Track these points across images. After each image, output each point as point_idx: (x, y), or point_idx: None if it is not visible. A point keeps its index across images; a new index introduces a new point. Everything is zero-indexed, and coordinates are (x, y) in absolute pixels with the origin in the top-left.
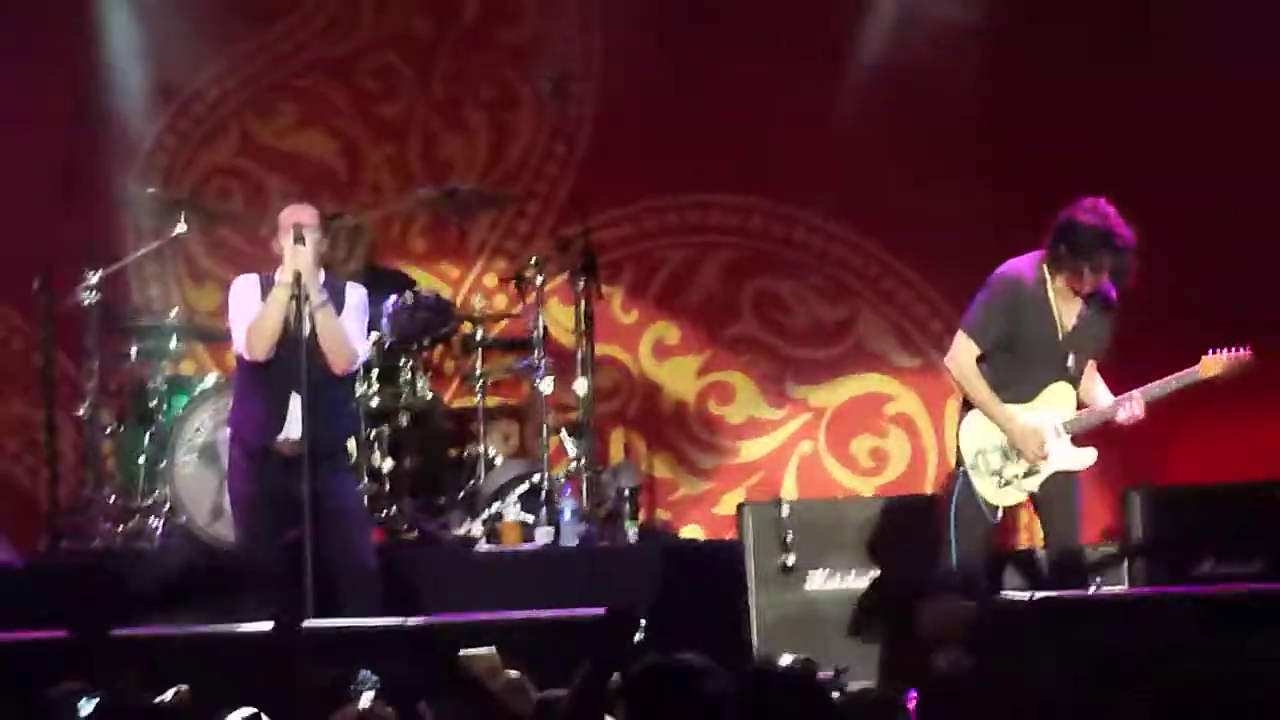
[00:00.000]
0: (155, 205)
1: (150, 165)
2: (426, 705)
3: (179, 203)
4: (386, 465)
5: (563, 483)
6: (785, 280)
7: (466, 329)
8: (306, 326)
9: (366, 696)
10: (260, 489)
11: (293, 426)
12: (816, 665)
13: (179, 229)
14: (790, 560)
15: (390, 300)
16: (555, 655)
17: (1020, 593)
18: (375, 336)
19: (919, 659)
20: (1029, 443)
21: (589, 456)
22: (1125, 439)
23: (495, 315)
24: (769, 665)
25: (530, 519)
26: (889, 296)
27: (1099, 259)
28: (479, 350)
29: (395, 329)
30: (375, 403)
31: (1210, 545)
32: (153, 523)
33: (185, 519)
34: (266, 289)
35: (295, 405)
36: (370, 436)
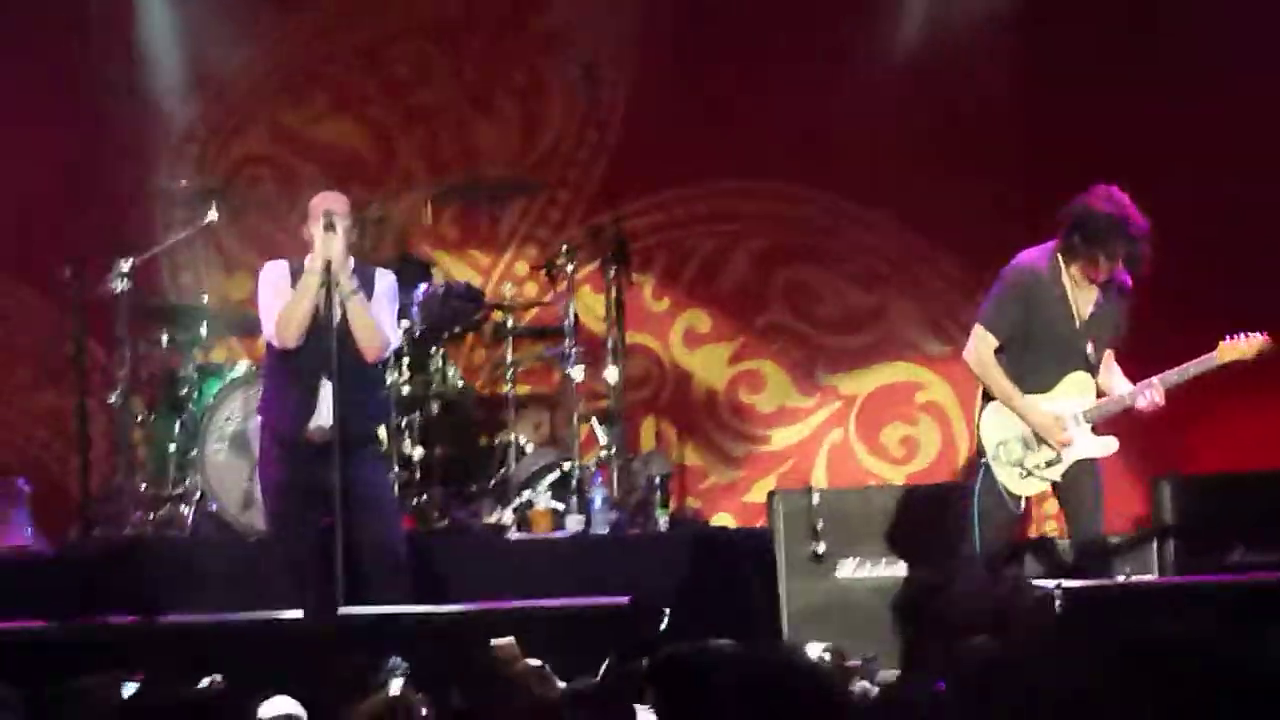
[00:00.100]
0: (187, 194)
1: (182, 153)
2: (457, 692)
3: (210, 191)
4: (417, 453)
5: (593, 471)
6: (816, 268)
7: (497, 317)
8: (337, 314)
9: (396, 683)
10: (291, 477)
11: (323, 414)
12: (845, 654)
13: (210, 217)
14: (820, 548)
15: (421, 288)
16: (582, 644)
17: (1048, 581)
18: (406, 325)
19: (946, 648)
20: (1052, 430)
21: (620, 444)
22: (1153, 429)
23: (526, 303)
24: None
25: (561, 507)
26: (920, 284)
27: (1114, 246)
28: (510, 338)
29: (426, 317)
30: (406, 391)
31: (1240, 533)
32: (184, 511)
33: (216, 507)
34: (297, 276)
35: (326, 392)
36: (401, 424)
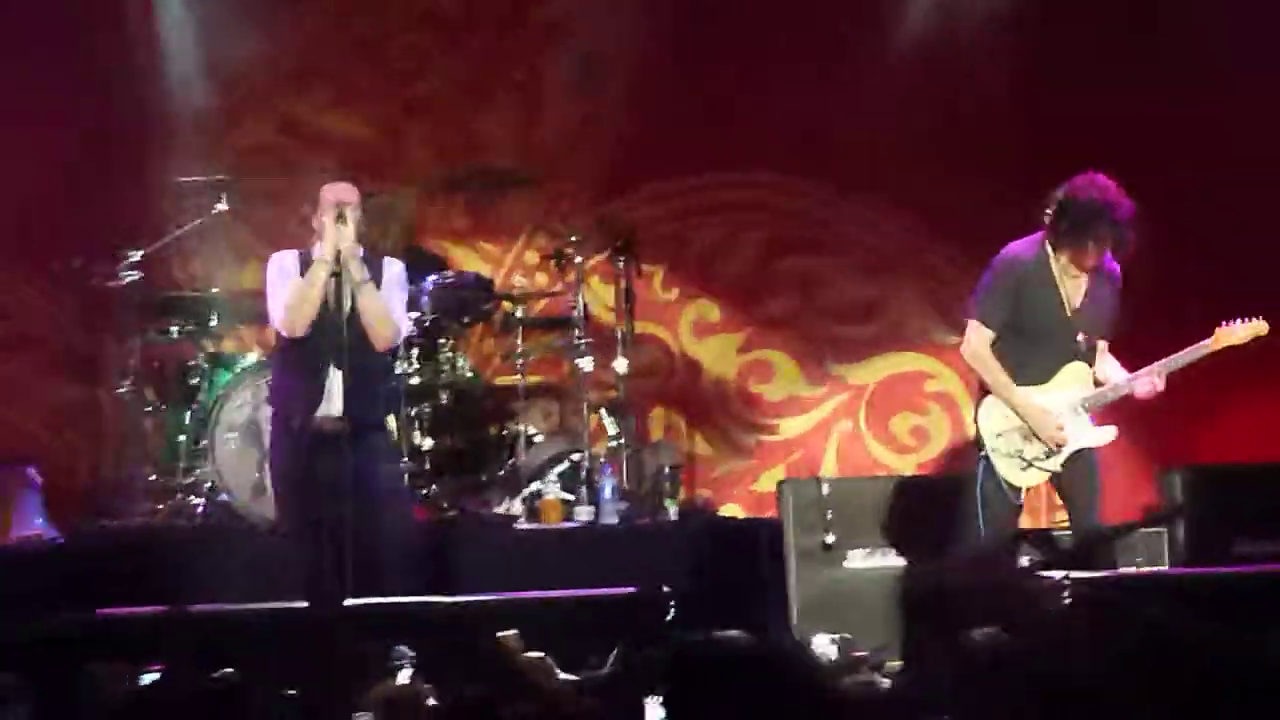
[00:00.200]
0: (196, 185)
1: (191, 144)
2: (466, 682)
3: (220, 182)
4: (427, 443)
5: (603, 461)
6: (825, 258)
7: (507, 307)
8: (348, 304)
9: (404, 673)
10: (301, 465)
11: (333, 403)
12: (854, 644)
13: (220, 207)
14: (830, 538)
15: (430, 279)
16: (590, 633)
17: (1055, 571)
18: (415, 315)
19: (949, 639)
20: (1045, 427)
21: (629, 434)
22: (1163, 419)
23: (535, 294)
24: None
25: (570, 497)
26: (930, 274)
27: (1101, 232)
28: (519, 328)
29: (435, 307)
30: (416, 381)
31: (1249, 524)
32: (194, 501)
33: (227, 497)
34: (306, 265)
35: (335, 382)
36: (411, 415)
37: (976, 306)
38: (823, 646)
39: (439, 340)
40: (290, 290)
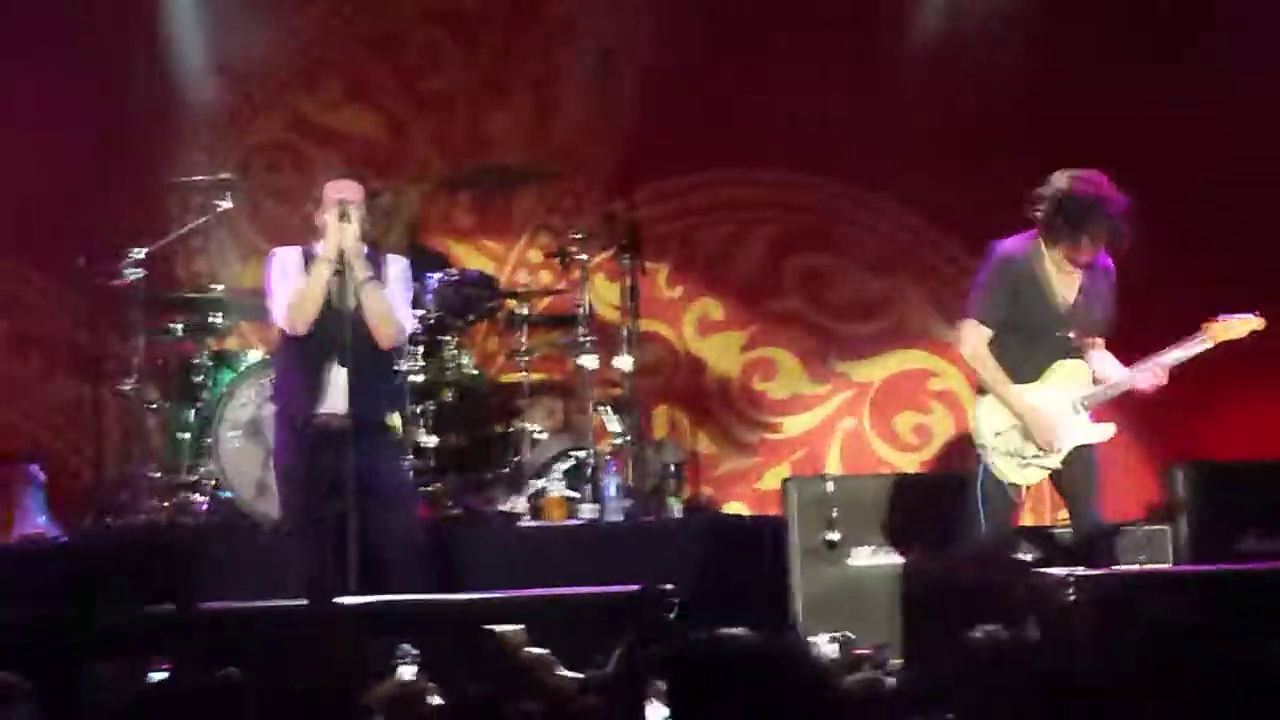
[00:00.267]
0: (202, 183)
1: (198, 140)
2: (471, 680)
3: (225, 180)
4: (431, 441)
5: (607, 459)
6: (829, 256)
7: (511, 305)
8: (351, 302)
9: (407, 670)
10: (304, 463)
11: (337, 401)
12: (855, 642)
13: (225, 205)
14: (834, 536)
15: (434, 277)
16: (593, 632)
17: (1060, 569)
18: (420, 313)
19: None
20: (1040, 428)
21: (633, 432)
22: (1166, 416)
23: (540, 291)
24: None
25: (574, 495)
26: (933, 272)
27: (1097, 227)
28: (523, 326)
29: (440, 305)
30: (420, 379)
31: (1253, 521)
32: (198, 499)
33: (230, 495)
34: (308, 262)
35: (339, 379)
36: (415, 412)
37: (973, 305)
38: (823, 645)
39: (443, 338)
40: (293, 288)
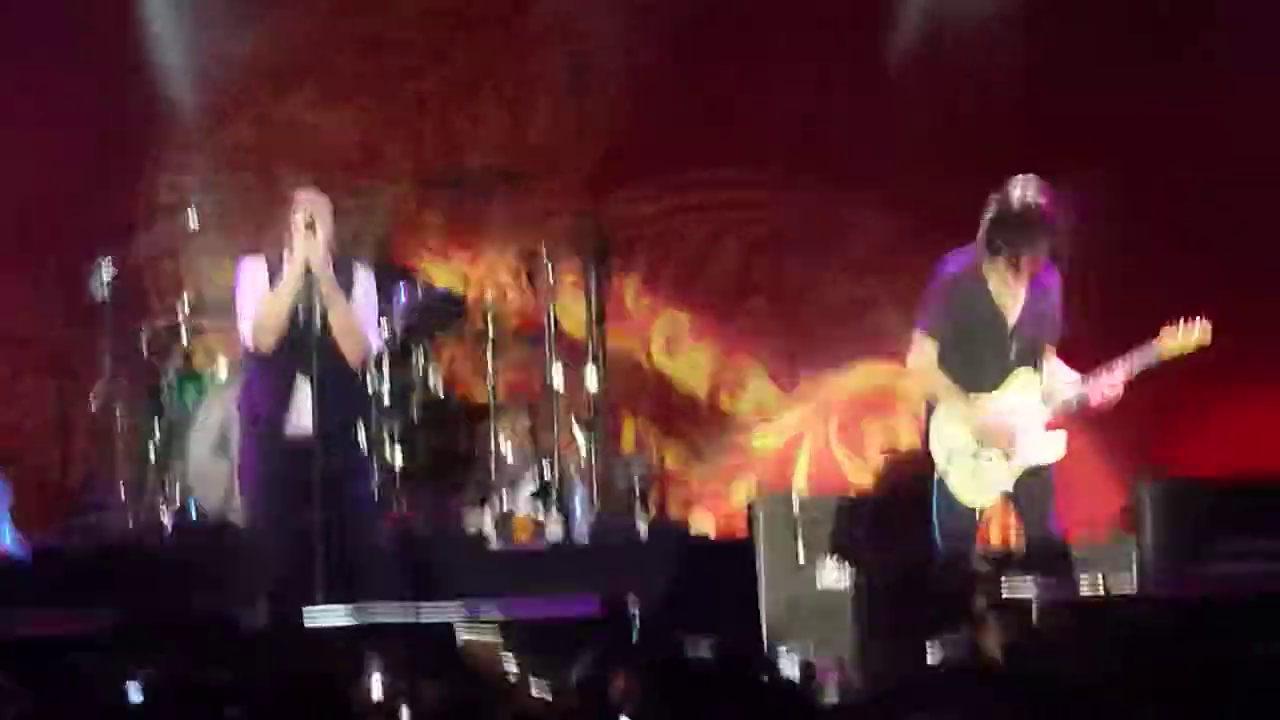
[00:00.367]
0: (173, 185)
1: (170, 143)
2: (436, 694)
3: (196, 183)
4: (398, 457)
5: (574, 474)
6: (798, 270)
7: (478, 321)
8: (318, 317)
9: (373, 684)
10: (269, 475)
11: (303, 414)
12: (817, 658)
13: (194, 211)
14: (801, 554)
15: (401, 294)
16: (558, 649)
17: (1020, 587)
18: (386, 328)
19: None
20: (997, 435)
21: (600, 447)
22: (1133, 430)
23: (507, 307)
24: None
25: (541, 511)
26: (903, 288)
27: (1034, 239)
28: (490, 342)
29: (407, 320)
30: (387, 394)
31: (1220, 540)
32: (164, 509)
33: (197, 505)
34: (275, 272)
35: (305, 393)
36: (382, 428)
37: (920, 321)
38: (786, 662)
39: (410, 354)
40: (258, 305)
